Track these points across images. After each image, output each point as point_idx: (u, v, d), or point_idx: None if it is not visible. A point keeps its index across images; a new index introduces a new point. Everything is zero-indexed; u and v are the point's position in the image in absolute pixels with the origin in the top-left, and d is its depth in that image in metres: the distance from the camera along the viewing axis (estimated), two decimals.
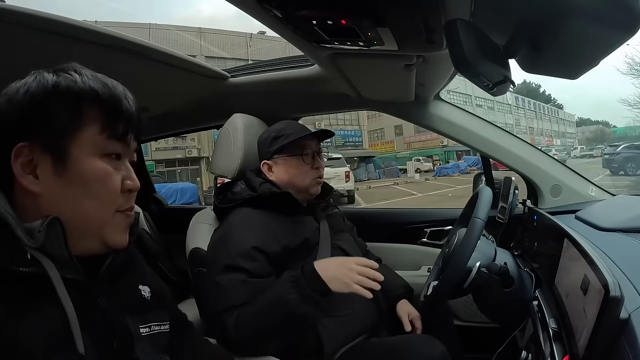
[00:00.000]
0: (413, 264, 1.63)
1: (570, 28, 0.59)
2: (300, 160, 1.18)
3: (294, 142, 1.17)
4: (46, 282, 0.51)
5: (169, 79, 1.30)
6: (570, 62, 0.71)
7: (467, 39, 0.61)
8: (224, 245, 1.05)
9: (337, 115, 25.21)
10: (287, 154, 1.19)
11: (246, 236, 1.05)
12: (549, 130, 48.99)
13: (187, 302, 1.59)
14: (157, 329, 0.68)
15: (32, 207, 0.55)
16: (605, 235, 1.00)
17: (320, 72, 1.27)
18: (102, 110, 0.58)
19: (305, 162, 1.19)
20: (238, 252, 1.02)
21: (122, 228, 0.62)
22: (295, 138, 1.17)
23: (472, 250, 0.97)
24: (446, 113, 1.51)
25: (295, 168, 1.18)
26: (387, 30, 0.80)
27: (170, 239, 2.03)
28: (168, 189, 9.94)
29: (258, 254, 1.03)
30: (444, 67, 1.13)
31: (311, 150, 1.21)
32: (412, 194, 13.86)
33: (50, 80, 0.56)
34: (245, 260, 1.01)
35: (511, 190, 1.40)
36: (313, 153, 1.21)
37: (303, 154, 1.19)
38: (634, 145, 15.56)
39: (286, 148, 1.18)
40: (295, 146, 1.18)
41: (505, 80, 0.71)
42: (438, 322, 1.27)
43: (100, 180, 0.58)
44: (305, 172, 1.19)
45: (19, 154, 0.54)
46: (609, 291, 0.56)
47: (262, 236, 1.06)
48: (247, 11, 0.78)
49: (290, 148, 1.18)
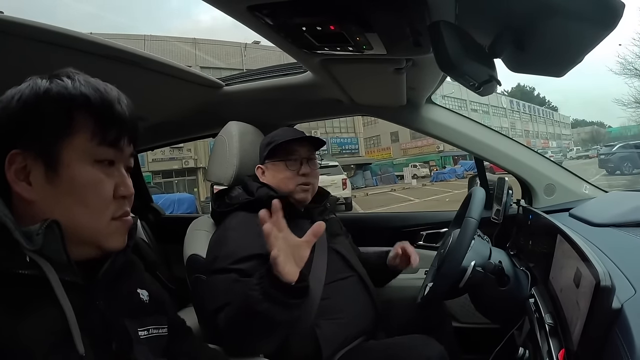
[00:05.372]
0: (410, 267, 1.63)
1: (550, 26, 0.61)
2: (284, 165, 1.20)
3: (282, 148, 1.19)
4: (45, 284, 0.51)
5: (164, 88, 1.31)
6: (554, 59, 0.73)
7: (451, 40, 0.63)
8: (219, 247, 1.06)
9: (332, 123, 25.29)
10: (275, 159, 1.21)
11: (242, 238, 1.06)
12: (544, 132, 49.23)
13: (186, 310, 1.58)
14: (155, 333, 0.68)
15: (28, 213, 0.55)
16: (598, 230, 1.01)
17: (312, 79, 1.29)
18: (93, 116, 0.57)
19: (289, 167, 1.19)
20: (232, 253, 1.02)
21: (120, 233, 0.62)
22: (279, 142, 1.18)
23: (466, 249, 0.98)
24: (438, 116, 1.53)
25: (281, 173, 1.20)
26: (375, 35, 0.82)
27: (168, 249, 2.03)
28: (165, 199, 9.91)
29: (253, 256, 1.03)
30: (434, 70, 1.14)
31: (299, 156, 1.21)
32: (409, 200, 13.85)
33: (43, 86, 0.56)
34: (239, 262, 1.01)
35: (504, 191, 1.41)
36: (301, 159, 1.21)
37: (287, 160, 1.19)
38: (630, 144, 15.63)
39: (275, 153, 1.20)
40: (284, 152, 1.20)
41: (491, 79, 0.73)
42: (436, 323, 1.27)
43: (91, 187, 0.58)
44: (289, 178, 1.19)
45: (13, 161, 0.55)
46: (600, 281, 0.57)
47: (259, 240, 1.05)
48: (240, 20, 0.80)
49: (279, 153, 1.20)
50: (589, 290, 0.60)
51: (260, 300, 0.85)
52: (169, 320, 0.74)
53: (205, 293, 1.03)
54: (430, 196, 14.35)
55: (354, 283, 1.18)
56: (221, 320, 0.93)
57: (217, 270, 1.02)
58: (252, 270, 1.00)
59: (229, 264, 1.01)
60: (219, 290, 0.98)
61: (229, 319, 0.92)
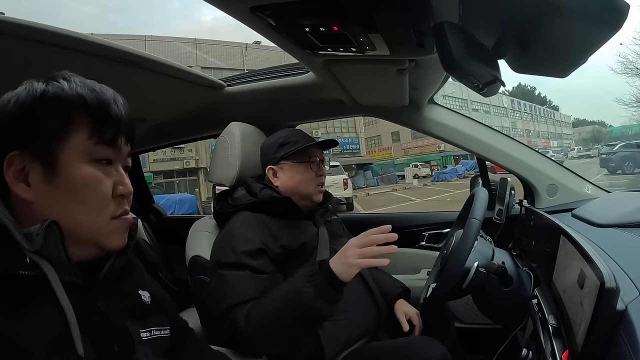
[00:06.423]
0: (412, 268, 1.63)
1: (555, 27, 0.61)
2: (307, 167, 1.22)
3: (301, 150, 1.20)
4: (45, 285, 0.51)
5: (165, 89, 1.31)
6: (558, 60, 0.73)
7: (455, 40, 0.63)
8: (229, 245, 1.06)
9: (334, 123, 25.29)
10: (294, 160, 1.22)
11: (250, 235, 1.07)
12: (545, 132, 49.19)
13: (188, 311, 1.58)
14: (157, 334, 0.68)
15: (27, 215, 0.56)
16: (601, 231, 1.01)
17: (315, 79, 1.29)
18: (90, 116, 0.58)
19: (312, 169, 1.22)
20: (243, 250, 1.04)
21: (120, 232, 0.63)
22: (304, 145, 1.20)
23: (469, 250, 0.98)
24: (441, 116, 1.52)
25: (301, 175, 1.21)
26: (378, 36, 0.82)
27: (169, 249, 2.03)
28: (167, 200, 9.91)
29: (261, 253, 1.05)
30: (437, 71, 1.14)
31: (317, 158, 1.24)
32: (410, 200, 13.85)
33: (39, 88, 0.57)
34: (250, 258, 1.03)
35: (507, 191, 1.41)
36: (317, 161, 1.24)
37: (310, 161, 1.22)
38: (631, 143, 15.60)
39: (294, 155, 1.21)
40: (302, 153, 1.21)
41: (494, 80, 0.73)
42: (438, 324, 1.27)
43: (89, 186, 0.58)
44: (310, 179, 1.22)
45: (11, 163, 0.55)
46: (604, 283, 0.56)
47: (264, 237, 1.08)
48: (242, 20, 0.80)
49: (298, 155, 1.21)
50: (594, 291, 0.59)
51: (314, 297, 0.91)
52: (170, 322, 0.74)
53: (216, 289, 1.02)
54: (432, 196, 14.34)
55: (357, 284, 1.18)
56: (241, 316, 0.94)
57: (228, 266, 1.02)
58: (263, 268, 1.03)
59: (240, 261, 1.02)
60: (234, 286, 0.99)
61: (255, 313, 0.94)
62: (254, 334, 0.94)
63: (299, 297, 0.92)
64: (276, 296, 0.97)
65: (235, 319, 0.95)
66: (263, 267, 1.04)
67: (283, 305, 0.94)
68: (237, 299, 0.97)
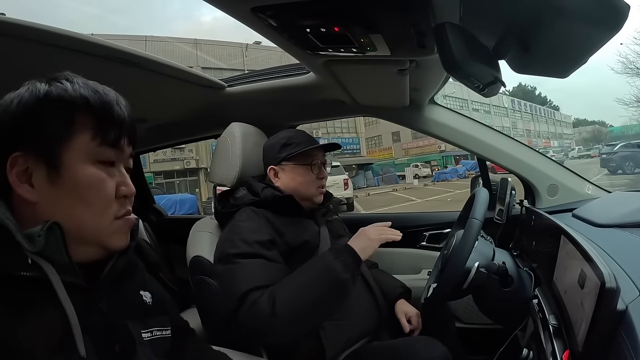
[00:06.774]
0: (413, 268, 1.64)
1: (556, 28, 0.61)
2: (308, 169, 1.22)
3: (303, 152, 1.20)
4: (47, 286, 0.51)
5: (166, 89, 1.32)
6: (559, 61, 0.73)
7: (456, 41, 0.63)
8: (238, 236, 1.07)
9: (334, 123, 25.27)
10: (295, 162, 1.22)
11: (259, 227, 1.08)
12: (546, 132, 49.16)
13: (189, 311, 1.58)
14: (158, 334, 0.68)
15: (30, 215, 0.56)
16: (602, 231, 1.01)
17: (315, 80, 1.29)
18: (93, 117, 0.58)
19: (313, 171, 1.23)
20: (256, 240, 1.05)
21: (123, 232, 0.63)
22: (306, 148, 1.20)
23: (470, 250, 0.98)
24: (441, 117, 1.52)
25: (302, 176, 1.22)
26: (379, 36, 0.82)
27: (170, 250, 2.03)
28: (167, 200, 9.93)
29: (272, 244, 1.07)
30: (437, 71, 1.14)
31: (318, 160, 1.24)
32: (411, 200, 13.84)
33: (42, 89, 0.57)
34: (263, 248, 1.04)
35: (507, 191, 1.41)
36: (319, 163, 1.24)
37: (312, 164, 1.22)
38: (632, 143, 15.58)
39: (296, 156, 1.21)
40: (305, 155, 1.21)
41: (495, 81, 0.73)
42: (439, 324, 1.27)
43: (93, 187, 0.58)
44: (311, 181, 1.23)
45: (14, 163, 0.55)
46: (605, 283, 0.56)
47: (269, 231, 1.09)
48: (243, 21, 0.80)
49: (300, 157, 1.21)
50: (594, 291, 0.59)
51: (344, 270, 0.98)
52: (172, 322, 0.74)
53: (228, 278, 1.02)
54: (432, 196, 14.34)
55: (358, 285, 1.17)
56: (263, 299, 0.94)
57: (241, 254, 1.02)
58: (276, 258, 1.06)
59: (253, 250, 1.03)
60: (250, 271, 1.00)
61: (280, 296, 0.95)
62: (281, 314, 0.93)
63: (330, 272, 0.98)
64: (301, 276, 0.99)
65: (256, 302, 0.94)
66: (275, 257, 1.05)
67: (313, 281, 0.98)
68: (255, 284, 0.97)
